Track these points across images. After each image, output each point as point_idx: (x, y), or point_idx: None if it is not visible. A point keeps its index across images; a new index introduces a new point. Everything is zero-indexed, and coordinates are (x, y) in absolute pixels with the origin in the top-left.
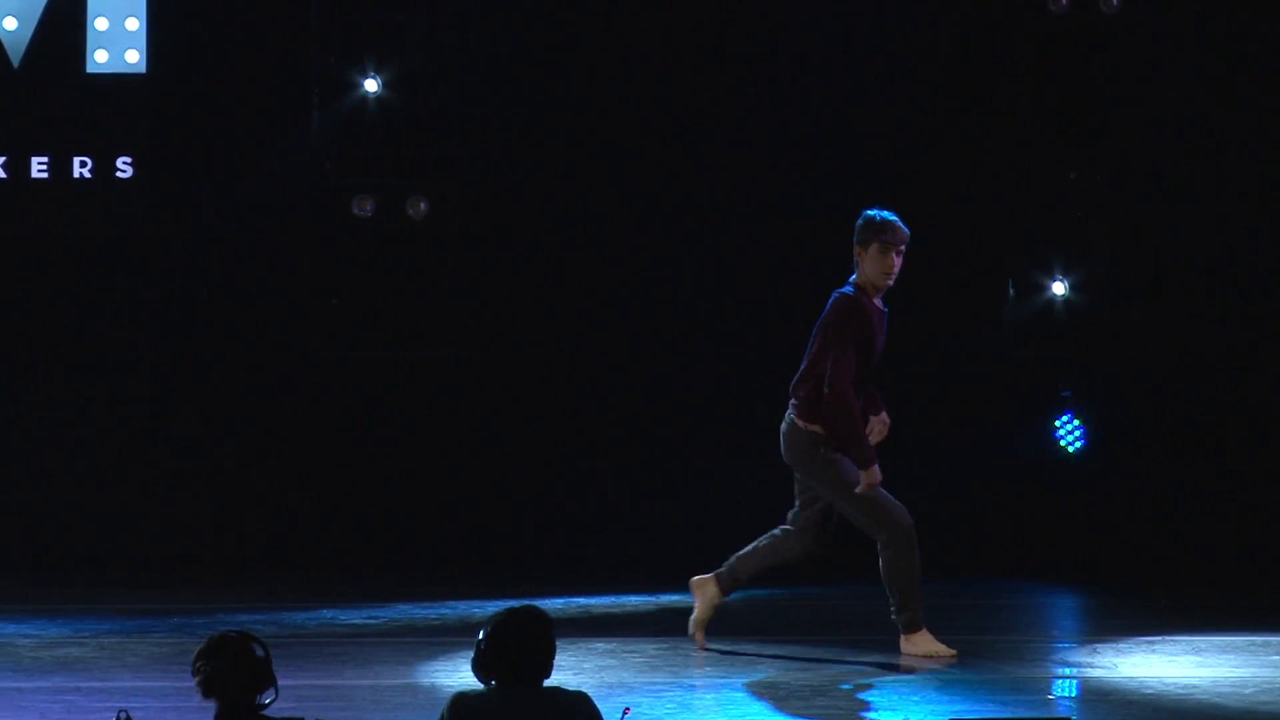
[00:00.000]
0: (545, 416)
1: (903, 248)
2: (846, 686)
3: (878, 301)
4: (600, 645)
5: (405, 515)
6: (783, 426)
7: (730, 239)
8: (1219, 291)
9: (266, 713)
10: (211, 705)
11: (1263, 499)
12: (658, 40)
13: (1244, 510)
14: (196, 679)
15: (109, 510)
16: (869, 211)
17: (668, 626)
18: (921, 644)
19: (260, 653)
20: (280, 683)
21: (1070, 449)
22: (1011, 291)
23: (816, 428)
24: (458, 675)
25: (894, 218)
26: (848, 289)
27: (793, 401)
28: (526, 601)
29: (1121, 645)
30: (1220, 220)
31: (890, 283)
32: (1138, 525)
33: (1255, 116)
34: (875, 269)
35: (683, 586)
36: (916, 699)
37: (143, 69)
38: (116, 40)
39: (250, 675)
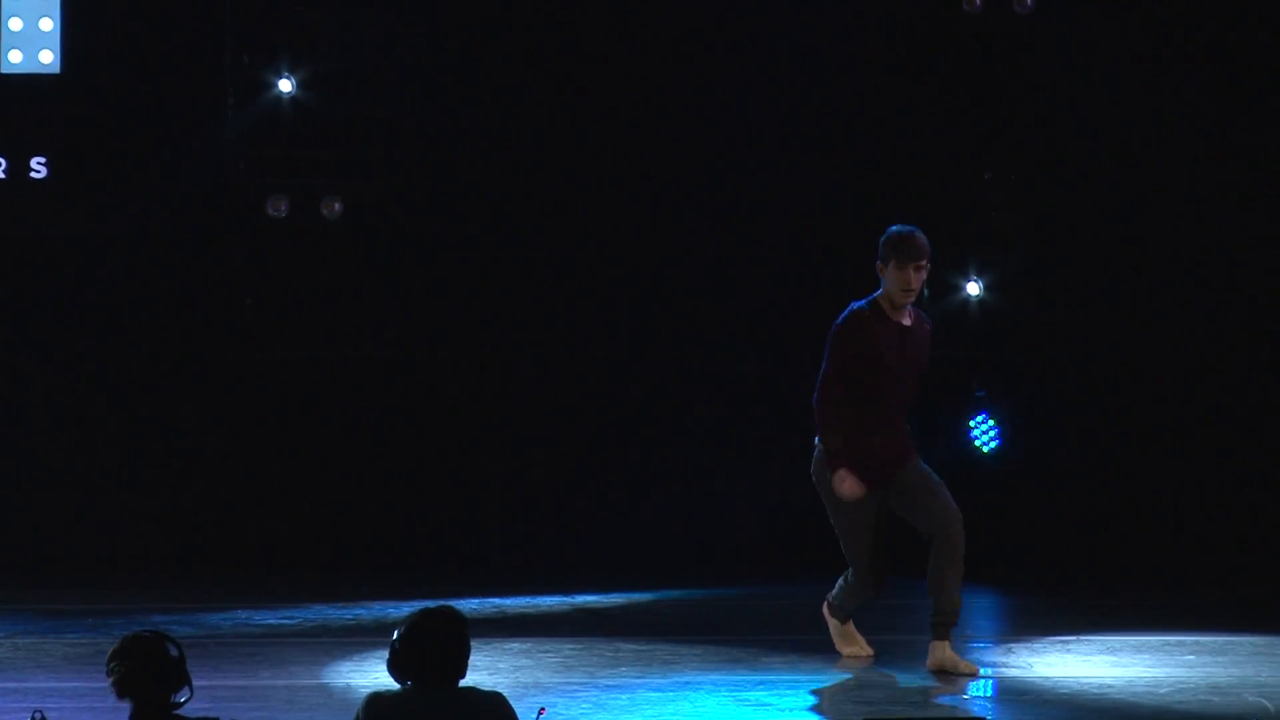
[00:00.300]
0: (457, 414)
1: (923, 262)
2: (761, 686)
3: (905, 319)
4: (515, 645)
5: (318, 514)
6: None
7: (653, 231)
8: (1133, 291)
9: (181, 712)
10: (126, 705)
11: (1178, 498)
12: (573, 36)
13: (1159, 509)
14: (111, 679)
15: (21, 510)
16: (892, 227)
17: (582, 627)
18: (843, 638)
19: (174, 652)
20: (195, 683)
21: (985, 449)
22: (925, 291)
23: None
24: (373, 676)
25: (913, 231)
26: (860, 304)
27: None
28: (441, 602)
29: (1037, 645)
30: (1134, 220)
31: (909, 299)
32: (1053, 525)
33: (1168, 116)
34: (893, 284)
35: (602, 586)
36: (829, 700)
37: (57, 69)
38: (30, 40)
39: (165, 675)
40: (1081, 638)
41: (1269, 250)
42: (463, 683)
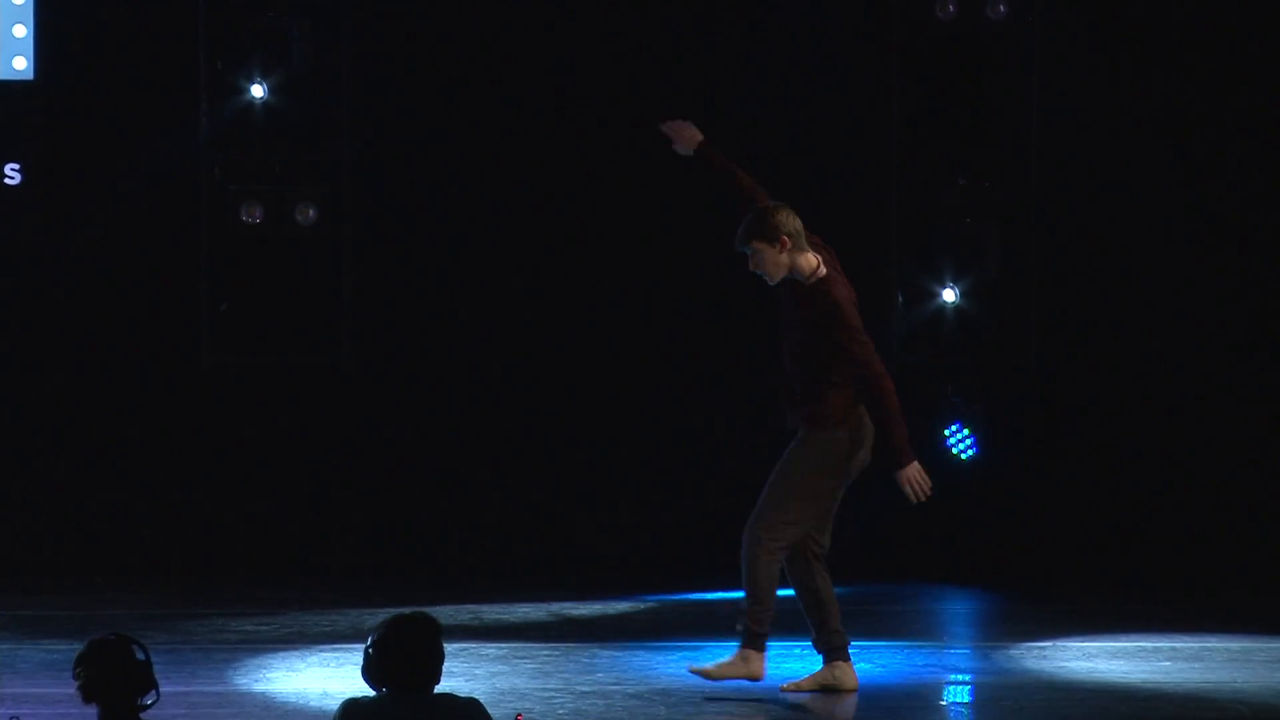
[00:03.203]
0: (432, 421)
1: (744, 250)
2: (739, 693)
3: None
4: (492, 651)
5: (293, 521)
6: None
7: (637, 235)
8: (1109, 296)
9: (146, 715)
10: (94, 710)
11: (1154, 503)
12: (548, 39)
13: (1135, 515)
14: (77, 684)
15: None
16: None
17: (559, 632)
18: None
19: (140, 655)
20: (171, 689)
21: (963, 456)
22: (900, 298)
23: None
24: (349, 682)
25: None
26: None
27: None
28: (417, 608)
29: (1014, 650)
30: (1109, 225)
31: (770, 282)
32: (1030, 531)
33: (1143, 122)
34: None
35: (579, 592)
36: (808, 706)
37: (31, 75)
38: (4, 46)
39: (130, 678)
40: (1058, 643)
41: (1245, 256)
42: (439, 689)
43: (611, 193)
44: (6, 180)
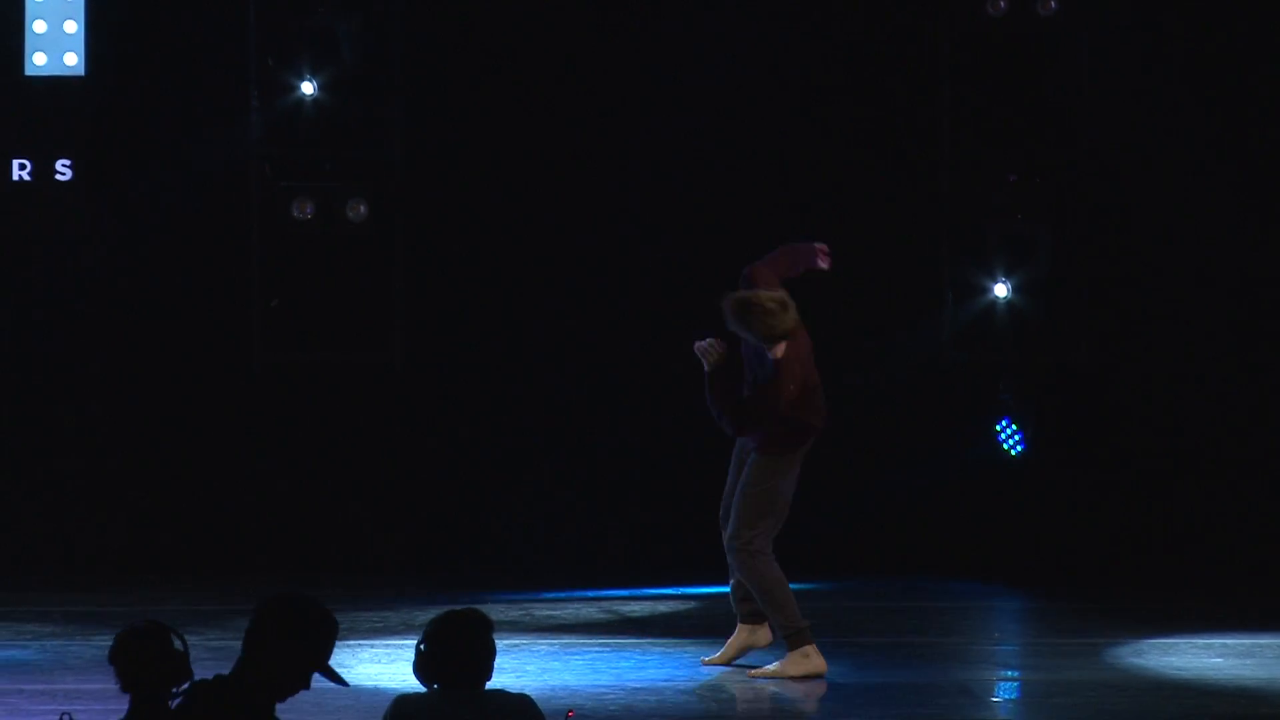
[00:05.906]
0: (483, 414)
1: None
2: (789, 689)
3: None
4: (543, 646)
5: (345, 517)
6: None
7: (681, 232)
8: (1159, 293)
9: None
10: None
11: (1206, 499)
12: (599, 38)
13: (1186, 511)
14: (115, 673)
15: (48, 513)
16: None
17: (610, 628)
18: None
19: (178, 645)
20: None
21: (1012, 452)
22: (951, 295)
23: None
24: (401, 678)
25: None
26: None
27: None
28: (468, 603)
29: (1064, 648)
30: (1160, 222)
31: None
32: (1080, 527)
33: (1193, 117)
34: None
35: (630, 586)
36: (857, 702)
37: (81, 71)
38: (55, 43)
39: (168, 669)
40: (1108, 640)
41: None
42: (490, 685)
43: (660, 187)
44: (57, 176)
